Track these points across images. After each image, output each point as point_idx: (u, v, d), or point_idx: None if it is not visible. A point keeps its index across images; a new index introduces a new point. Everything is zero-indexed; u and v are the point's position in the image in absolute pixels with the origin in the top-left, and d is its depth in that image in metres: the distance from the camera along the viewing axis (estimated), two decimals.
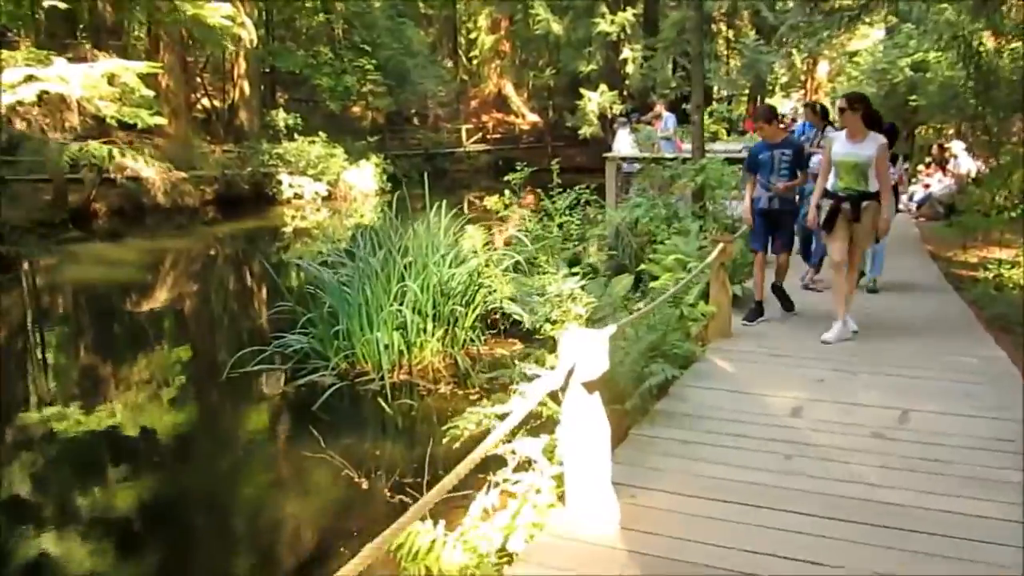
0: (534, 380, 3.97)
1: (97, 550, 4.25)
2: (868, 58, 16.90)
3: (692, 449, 3.69)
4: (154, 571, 4.14)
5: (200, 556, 4.28)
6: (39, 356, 8.62)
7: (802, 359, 5.05)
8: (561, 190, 8.85)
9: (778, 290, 6.08)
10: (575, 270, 6.23)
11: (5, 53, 12.25)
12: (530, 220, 8.08)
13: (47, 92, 11.78)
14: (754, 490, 3.26)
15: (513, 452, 4.00)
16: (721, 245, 5.51)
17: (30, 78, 11.39)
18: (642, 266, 7.04)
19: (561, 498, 3.26)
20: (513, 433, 4.38)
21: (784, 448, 3.65)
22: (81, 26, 19.70)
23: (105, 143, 12.60)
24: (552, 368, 4.22)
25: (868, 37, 26.13)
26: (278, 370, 6.65)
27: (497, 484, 3.82)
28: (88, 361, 8.22)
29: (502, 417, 4.22)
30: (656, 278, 6.82)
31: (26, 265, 13.92)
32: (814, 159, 6.40)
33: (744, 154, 7.91)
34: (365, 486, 4.62)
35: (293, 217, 18.51)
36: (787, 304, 6.13)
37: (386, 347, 6.41)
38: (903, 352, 5.15)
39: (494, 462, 4.19)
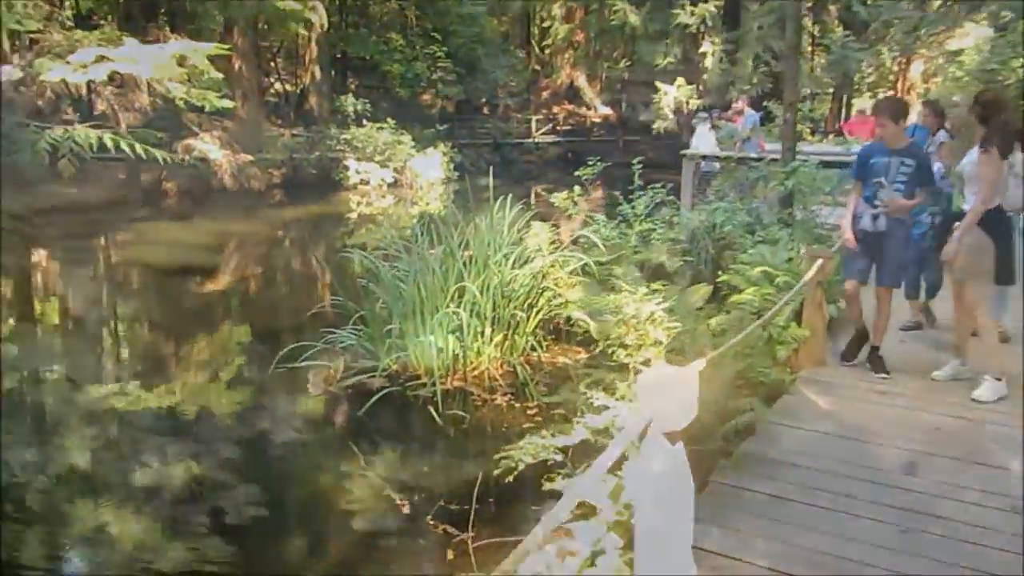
0: (603, 412, 3.45)
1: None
2: (975, 57, 15.66)
3: (785, 509, 3.11)
4: None
5: None
6: (103, 331, 8.58)
7: (912, 398, 4.38)
8: (642, 192, 8.20)
9: (874, 356, 4.92)
10: (655, 286, 5.63)
11: (79, 33, 12.32)
12: (605, 225, 7.45)
13: (118, 72, 11.75)
14: (865, 573, 2.68)
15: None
16: (820, 261, 4.87)
17: (101, 58, 11.37)
18: (723, 276, 6.40)
19: (629, 564, 2.75)
20: (575, 466, 3.90)
21: (898, 517, 3.04)
22: (162, 9, 19.93)
23: (92, 127, 12.31)
24: (622, 399, 3.71)
25: (968, 35, 24.48)
26: (325, 368, 6.29)
27: (554, 530, 3.32)
28: (138, 343, 8.10)
29: (564, 451, 3.75)
30: (738, 289, 6.20)
31: (103, 240, 14.14)
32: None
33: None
34: (407, 510, 4.19)
35: (358, 203, 18.35)
36: (879, 367, 4.88)
37: (440, 350, 5.98)
38: None
39: (551, 497, 3.72)
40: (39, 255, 12.47)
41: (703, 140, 11.62)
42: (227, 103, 13.79)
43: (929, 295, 5.95)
